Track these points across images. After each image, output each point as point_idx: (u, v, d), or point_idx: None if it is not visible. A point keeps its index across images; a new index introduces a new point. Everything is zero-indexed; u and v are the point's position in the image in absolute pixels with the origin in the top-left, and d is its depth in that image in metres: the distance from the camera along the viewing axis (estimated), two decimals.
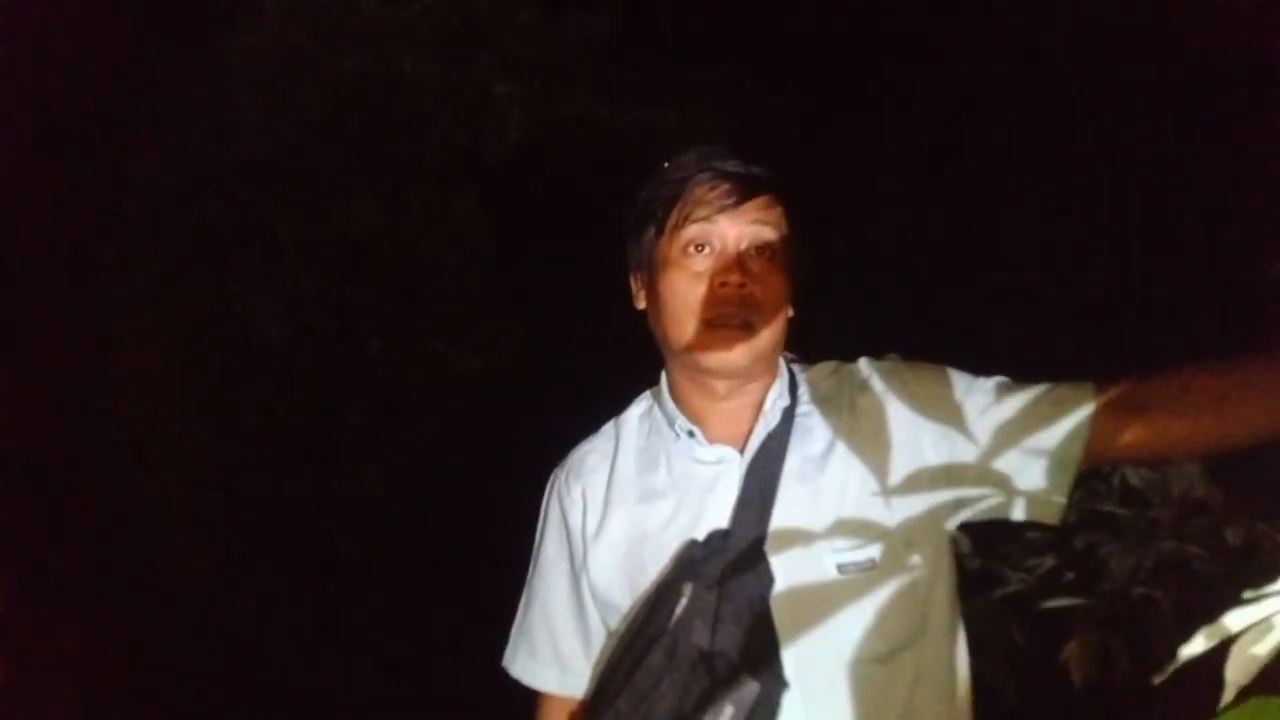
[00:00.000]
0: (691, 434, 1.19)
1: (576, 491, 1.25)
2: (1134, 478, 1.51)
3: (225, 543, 3.34)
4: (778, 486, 1.13)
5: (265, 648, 3.10)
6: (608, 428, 1.29)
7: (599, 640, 1.24)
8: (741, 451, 1.17)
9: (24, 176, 3.26)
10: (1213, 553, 1.46)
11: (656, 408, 1.26)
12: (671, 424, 1.21)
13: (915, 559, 1.10)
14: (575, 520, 1.24)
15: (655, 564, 1.15)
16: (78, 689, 2.78)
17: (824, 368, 1.24)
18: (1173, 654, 0.58)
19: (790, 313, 1.19)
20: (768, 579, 1.08)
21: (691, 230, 1.15)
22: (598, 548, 1.20)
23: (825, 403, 1.19)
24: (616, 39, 3.99)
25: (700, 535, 1.14)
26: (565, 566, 1.25)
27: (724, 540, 1.12)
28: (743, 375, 1.16)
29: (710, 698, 1.02)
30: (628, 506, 1.20)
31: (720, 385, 1.17)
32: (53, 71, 3.43)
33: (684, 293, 1.15)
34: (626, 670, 1.07)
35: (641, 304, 1.24)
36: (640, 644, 1.08)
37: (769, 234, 1.15)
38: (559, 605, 1.26)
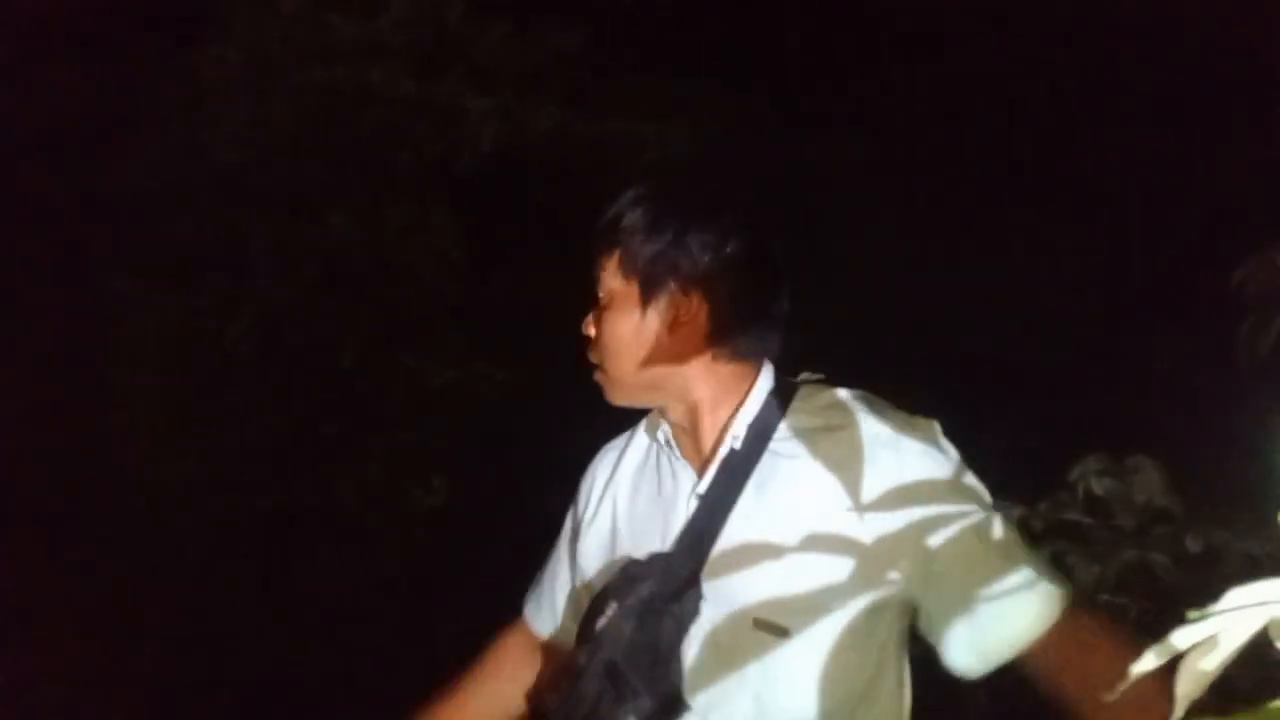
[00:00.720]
0: (669, 444, 1.21)
1: (589, 480, 1.33)
2: (1097, 487, 1.53)
3: (195, 556, 3.31)
4: (726, 519, 1.12)
5: (236, 660, 3.07)
6: (639, 426, 1.32)
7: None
8: (700, 474, 1.16)
9: None
10: (1175, 560, 1.48)
11: None
12: (657, 430, 1.24)
13: (840, 639, 1.05)
14: (580, 505, 1.32)
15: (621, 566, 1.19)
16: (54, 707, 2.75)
17: (821, 399, 1.18)
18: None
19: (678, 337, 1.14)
20: (690, 612, 1.09)
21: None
22: (586, 536, 1.27)
23: (804, 437, 1.13)
24: (590, 51, 4.01)
25: (647, 551, 1.16)
26: (566, 543, 1.34)
27: (663, 563, 1.14)
28: (637, 404, 1.22)
29: (616, 709, 1.08)
30: (617, 504, 1.25)
31: (669, 415, 1.21)
32: (22, 87, 3.41)
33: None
34: (564, 664, 1.16)
35: None
36: (579, 642, 1.15)
37: (604, 283, 1.18)
38: (560, 571, 1.34)
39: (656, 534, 1.18)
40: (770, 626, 1.05)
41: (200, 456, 3.47)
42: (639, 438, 1.29)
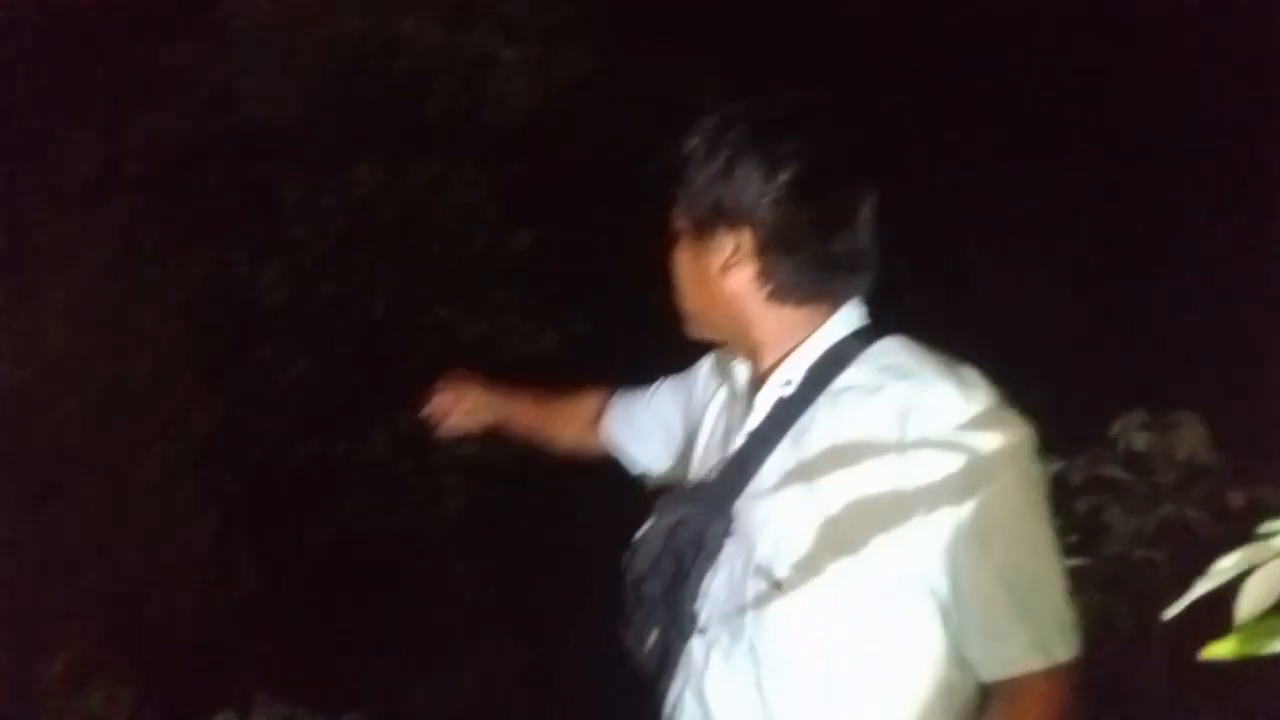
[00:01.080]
0: (741, 379, 1.22)
1: (703, 371, 1.35)
2: (1138, 442, 1.52)
3: (226, 506, 3.37)
4: (764, 462, 1.12)
5: (266, 610, 3.14)
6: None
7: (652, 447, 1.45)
8: (750, 410, 1.17)
9: (23, 141, 3.25)
10: (1214, 516, 1.48)
11: None
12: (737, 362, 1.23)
13: (832, 603, 1.04)
14: (691, 386, 1.36)
15: (691, 476, 1.26)
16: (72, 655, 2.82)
17: (893, 356, 1.11)
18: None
19: (736, 289, 1.11)
20: (713, 546, 1.11)
21: None
22: (677, 416, 1.37)
23: (854, 393, 1.08)
24: (621, 2, 3.94)
25: (702, 475, 1.22)
26: (670, 395, 1.41)
27: (703, 491, 1.18)
28: (706, 337, 1.23)
29: (643, 615, 1.17)
30: (705, 418, 1.28)
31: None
32: (53, 35, 3.42)
33: None
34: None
35: None
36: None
37: (674, 220, 1.17)
38: (653, 406, 1.44)
39: (714, 462, 1.21)
40: (767, 575, 1.06)
41: (232, 405, 3.51)
42: (729, 366, 1.26)
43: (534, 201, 3.80)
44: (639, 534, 1.19)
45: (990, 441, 0.99)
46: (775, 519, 1.07)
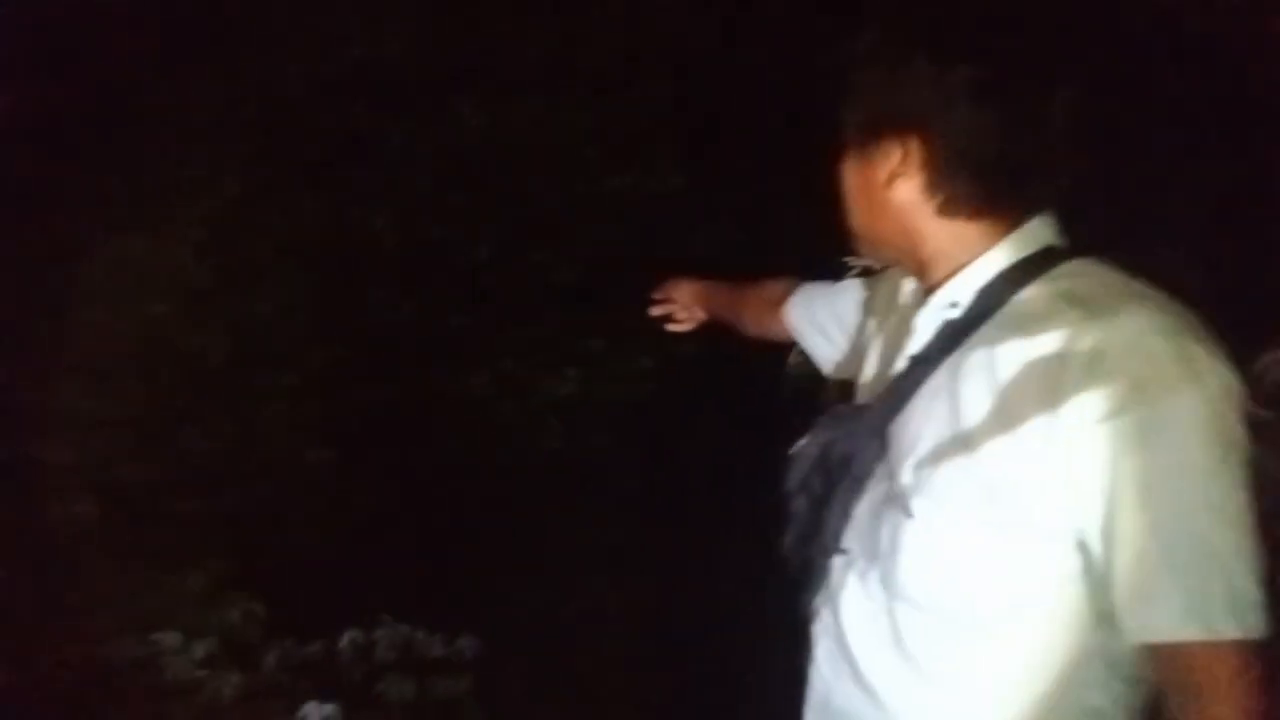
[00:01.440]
0: (915, 299, 1.13)
1: (882, 284, 1.30)
2: None
3: (330, 443, 3.49)
4: (919, 388, 1.05)
5: (369, 549, 3.27)
6: None
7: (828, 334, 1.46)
8: (913, 332, 1.09)
9: (141, 89, 3.36)
10: None
11: None
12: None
13: (960, 543, 0.98)
14: (877, 302, 1.30)
15: (859, 391, 1.23)
16: (210, 572, 2.99)
17: (1075, 281, 0.97)
18: None
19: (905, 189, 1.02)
20: (862, 470, 1.08)
21: None
22: (850, 326, 1.38)
23: (1022, 321, 0.97)
24: None
25: (864, 390, 1.20)
26: (852, 297, 1.39)
27: (860, 414, 1.13)
28: (873, 255, 1.19)
29: (794, 530, 1.18)
30: (876, 334, 1.24)
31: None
32: None
33: None
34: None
35: None
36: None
37: (842, 134, 1.08)
38: (834, 304, 1.44)
39: (878, 382, 1.15)
40: (903, 505, 1.01)
41: (341, 344, 3.63)
42: (908, 280, 1.17)
43: (637, 143, 3.81)
44: (794, 448, 1.17)
45: (1175, 386, 0.88)
46: (919, 448, 1.01)
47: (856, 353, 1.32)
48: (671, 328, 1.83)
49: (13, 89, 3.03)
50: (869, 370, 1.21)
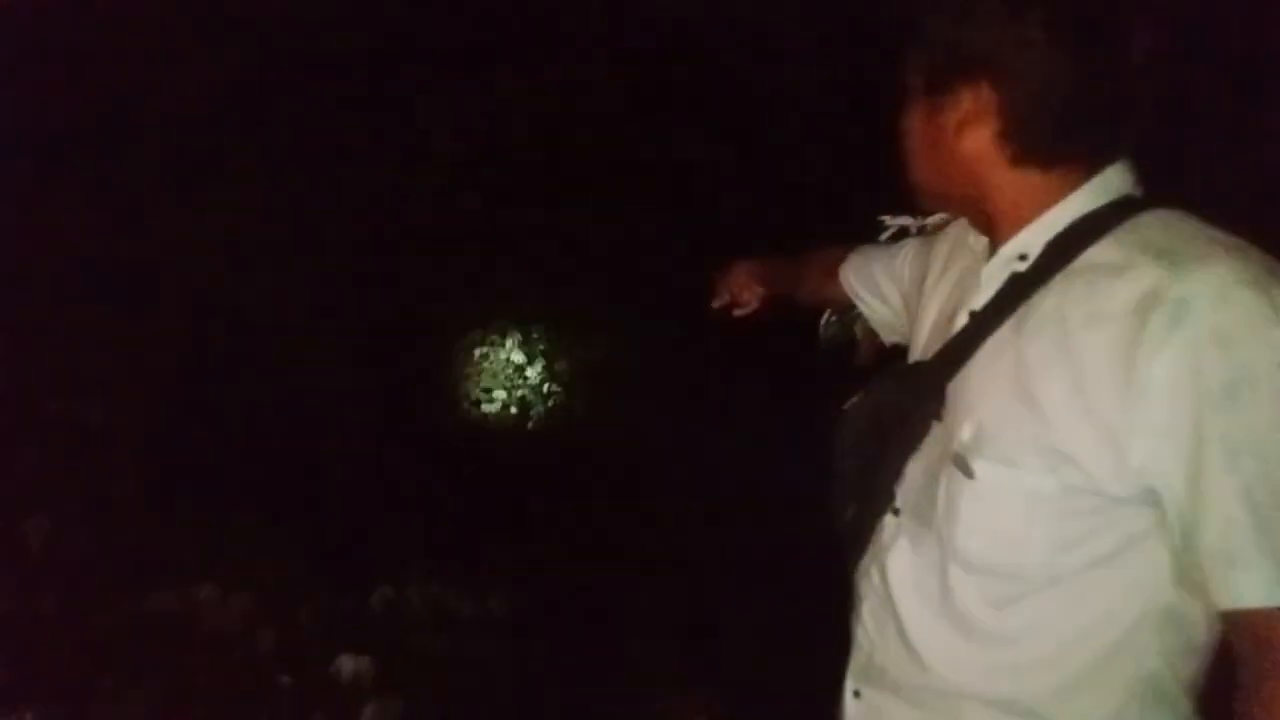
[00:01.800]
0: (977, 254, 1.10)
1: (940, 244, 1.25)
2: None
3: (371, 405, 3.54)
4: (981, 345, 1.01)
5: (409, 507, 3.31)
6: None
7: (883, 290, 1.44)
8: (977, 286, 1.05)
9: (174, 62, 3.39)
10: None
11: None
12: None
13: (1022, 506, 0.94)
14: (936, 259, 1.24)
15: (916, 346, 1.19)
16: (246, 528, 3.05)
17: (1153, 233, 0.92)
18: None
19: (977, 136, 0.97)
20: (918, 428, 1.06)
21: None
22: (906, 285, 1.33)
23: (1093, 274, 0.92)
24: None
25: (920, 348, 1.16)
26: (907, 261, 1.35)
27: (916, 371, 1.12)
28: (964, 215, 1.10)
29: (845, 484, 1.16)
30: (933, 292, 1.19)
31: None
32: None
33: None
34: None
35: None
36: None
37: (906, 82, 1.04)
38: (892, 268, 1.40)
39: (935, 340, 1.11)
40: (962, 465, 0.97)
41: (377, 311, 3.67)
42: (974, 234, 1.13)
43: (671, 110, 3.80)
44: (848, 405, 1.15)
45: (1260, 340, 0.82)
46: (981, 406, 0.98)
47: (912, 311, 1.27)
48: (737, 313, 1.77)
49: (45, 76, 3.08)
50: (925, 327, 1.17)
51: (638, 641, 2.89)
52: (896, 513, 1.09)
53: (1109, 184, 0.97)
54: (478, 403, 3.61)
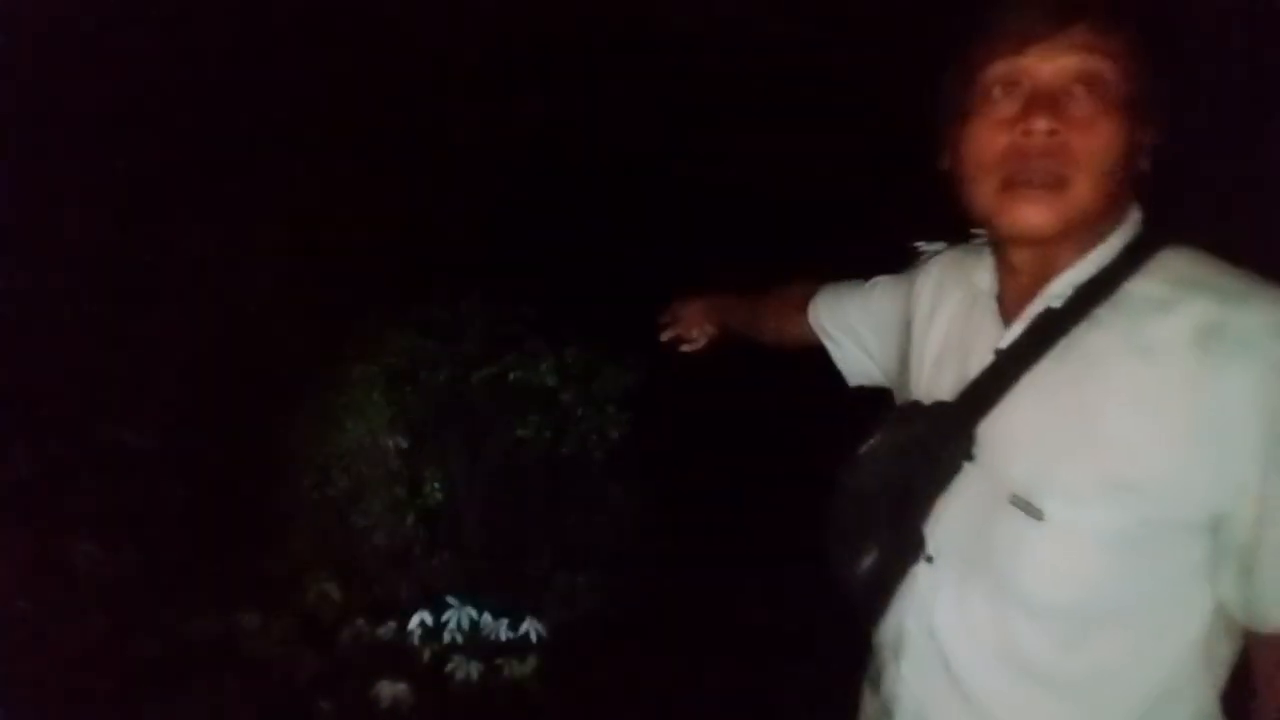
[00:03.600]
0: (986, 292, 1.09)
1: (928, 279, 1.22)
2: None
3: (408, 429, 3.58)
4: (1017, 381, 0.99)
5: (446, 533, 3.33)
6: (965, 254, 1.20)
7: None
8: (1008, 324, 1.04)
9: (220, 84, 3.45)
10: None
11: None
12: (975, 273, 1.12)
13: (1100, 540, 0.92)
14: (914, 295, 1.22)
15: (915, 387, 1.15)
16: (289, 556, 3.09)
17: (1186, 267, 0.95)
18: None
19: (1140, 166, 0.98)
20: (951, 466, 1.02)
21: (997, 67, 0.96)
22: (894, 331, 1.25)
23: (1135, 308, 0.95)
24: None
25: (934, 396, 1.10)
26: (886, 300, 1.30)
27: (940, 410, 1.07)
28: (1050, 243, 0.99)
29: (860, 535, 1.10)
30: (931, 330, 1.16)
31: (1020, 255, 1.03)
32: None
33: (981, 146, 0.98)
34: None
35: (945, 163, 1.06)
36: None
37: (1097, 64, 0.92)
38: (868, 307, 1.34)
39: (949, 380, 1.09)
40: (1026, 506, 0.95)
41: (414, 333, 3.71)
42: (962, 273, 1.15)
43: (693, 131, 3.81)
44: (864, 448, 1.11)
45: None
46: (1036, 446, 0.96)
47: (895, 351, 1.25)
48: (685, 349, 1.76)
49: (105, 83, 3.14)
50: (925, 366, 1.14)
51: (670, 667, 2.89)
52: (930, 560, 1.05)
53: (1136, 220, 1.01)
54: (511, 425, 3.63)
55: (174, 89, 3.20)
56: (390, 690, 2.73)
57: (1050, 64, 0.93)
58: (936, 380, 1.12)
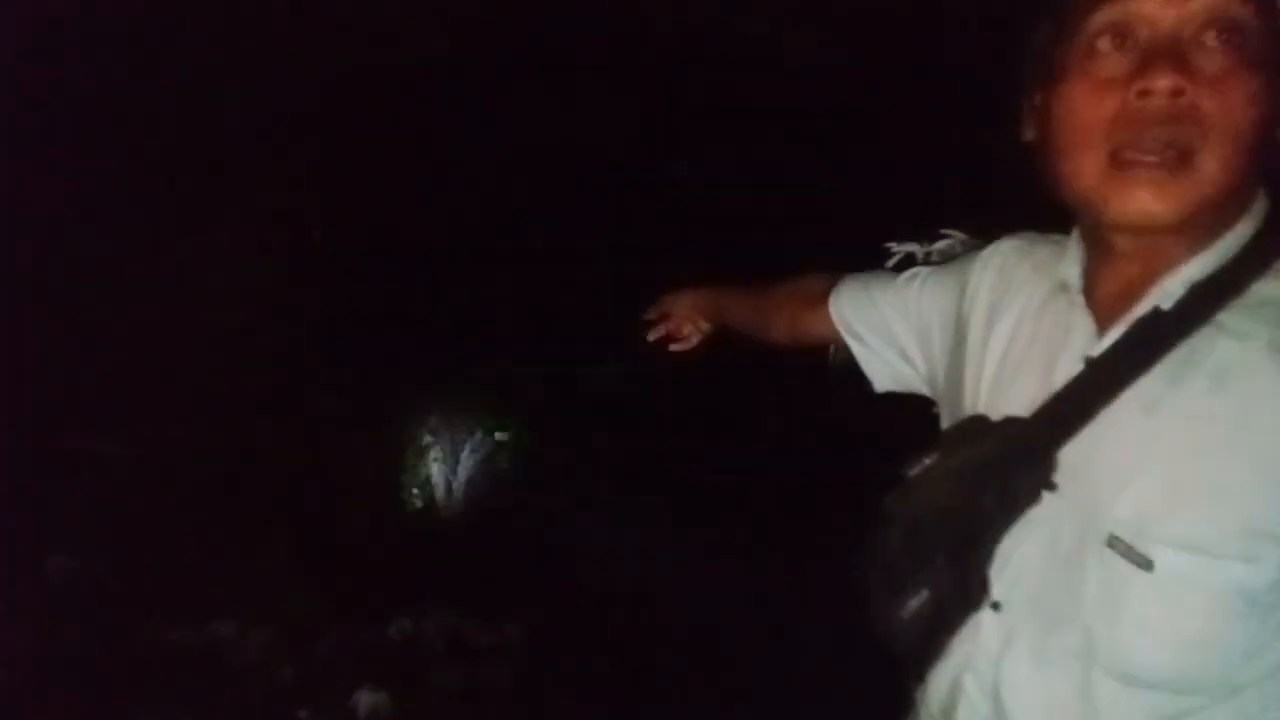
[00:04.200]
0: (1070, 287, 0.89)
1: (988, 269, 1.01)
2: None
3: (385, 436, 3.56)
4: (1116, 397, 0.81)
5: (424, 538, 3.31)
6: (1043, 245, 0.99)
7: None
8: (1100, 332, 0.83)
9: (211, 86, 3.44)
10: None
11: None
12: (1057, 266, 0.91)
13: (1225, 599, 0.75)
14: (966, 286, 1.02)
15: (971, 399, 0.95)
16: (269, 565, 3.07)
17: None
18: None
19: (1277, 141, 0.78)
20: (1028, 496, 0.83)
21: (1104, 14, 0.77)
22: (946, 330, 1.04)
23: (1272, 312, 0.77)
24: None
25: (1002, 410, 0.89)
26: (927, 290, 1.08)
27: (1016, 429, 0.87)
28: (1166, 230, 0.79)
29: (912, 571, 0.90)
30: (993, 330, 0.96)
31: (1125, 242, 0.83)
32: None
33: (1083, 111, 0.79)
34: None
35: (1030, 134, 0.88)
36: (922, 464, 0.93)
37: (1236, 8, 0.74)
38: (900, 303, 1.11)
39: (1024, 392, 0.88)
40: (1129, 552, 0.77)
41: (397, 342, 3.69)
42: (1035, 265, 0.96)
43: (683, 130, 3.82)
44: (917, 469, 0.92)
45: None
46: (1146, 476, 0.78)
47: (948, 355, 1.04)
48: (674, 348, 1.53)
49: (90, 87, 3.12)
50: (987, 374, 0.95)
51: (655, 670, 2.89)
52: (996, 607, 0.86)
53: (1262, 207, 0.81)
54: (494, 437, 3.63)
55: (166, 103, 3.20)
56: (369, 699, 2.71)
57: (1175, 7, 0.75)
58: (1003, 392, 0.92)
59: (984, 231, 1.11)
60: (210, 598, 2.91)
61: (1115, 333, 0.82)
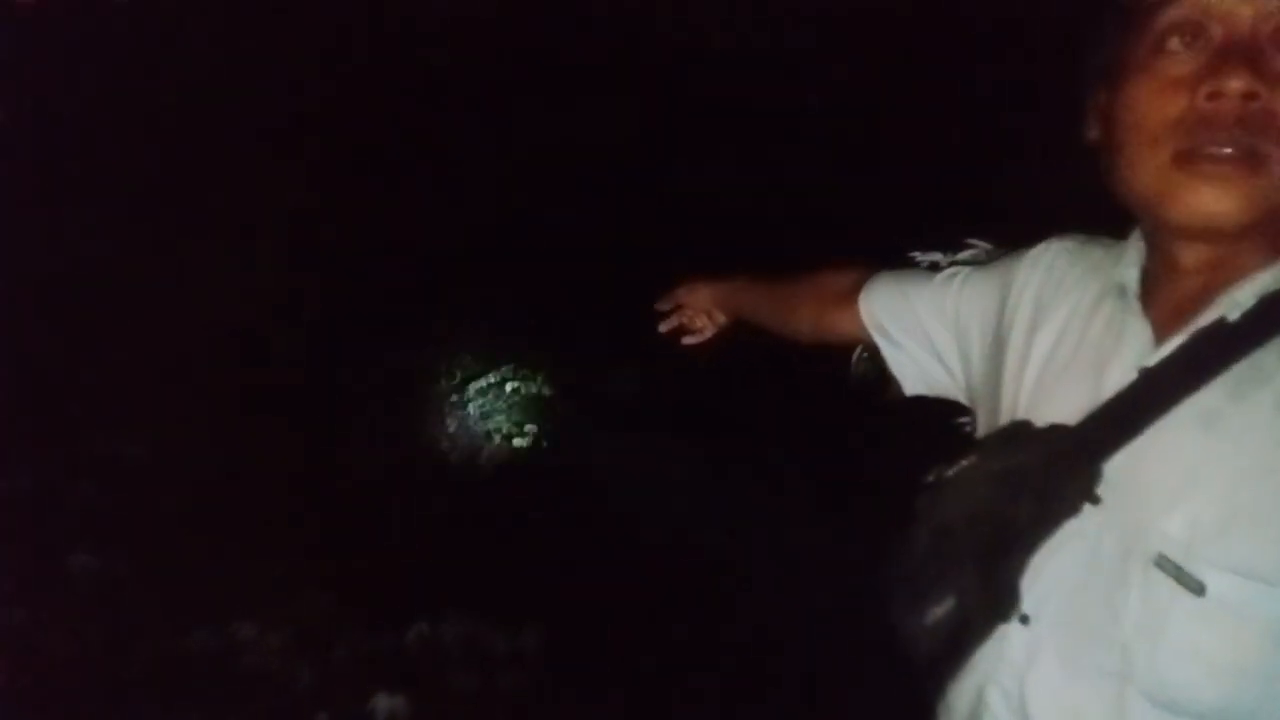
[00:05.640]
0: (1127, 293, 0.85)
1: (1036, 269, 0.97)
2: None
3: (406, 441, 3.57)
4: (1171, 409, 0.77)
5: (443, 542, 3.32)
6: (1096, 248, 0.95)
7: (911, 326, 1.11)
8: (1158, 340, 0.81)
9: (218, 87, 3.46)
10: None
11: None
12: (1115, 269, 0.87)
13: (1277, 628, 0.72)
14: (1023, 290, 0.97)
15: (1010, 405, 0.91)
16: (283, 568, 3.08)
17: None
18: None
19: None
20: (1068, 507, 0.80)
21: (1175, 10, 0.74)
22: (985, 330, 1.00)
23: None
24: None
25: (1048, 417, 0.86)
26: (967, 288, 1.05)
27: (1060, 436, 0.84)
28: (1229, 236, 0.76)
29: (939, 577, 0.87)
30: (1037, 333, 0.92)
31: (1188, 251, 0.80)
32: None
33: (1150, 111, 0.76)
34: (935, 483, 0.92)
35: (1093, 134, 0.86)
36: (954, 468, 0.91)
37: None
38: (935, 301, 1.08)
39: (1069, 399, 0.85)
40: (1178, 573, 0.74)
41: (410, 348, 3.71)
42: (1089, 267, 0.92)
43: (686, 135, 3.81)
44: (952, 471, 0.89)
45: None
46: (1202, 496, 0.74)
47: (988, 358, 1.00)
48: (687, 340, 1.47)
49: (95, 90, 3.15)
50: (1029, 380, 0.91)
51: (674, 678, 2.87)
52: (1025, 620, 0.83)
53: None
54: (510, 436, 3.62)
55: (173, 113, 3.23)
56: (387, 704, 2.71)
57: (1252, 4, 0.71)
58: (1046, 397, 0.89)
59: (1003, 238, 1.11)
60: (229, 600, 2.92)
61: (1174, 342, 0.78)
